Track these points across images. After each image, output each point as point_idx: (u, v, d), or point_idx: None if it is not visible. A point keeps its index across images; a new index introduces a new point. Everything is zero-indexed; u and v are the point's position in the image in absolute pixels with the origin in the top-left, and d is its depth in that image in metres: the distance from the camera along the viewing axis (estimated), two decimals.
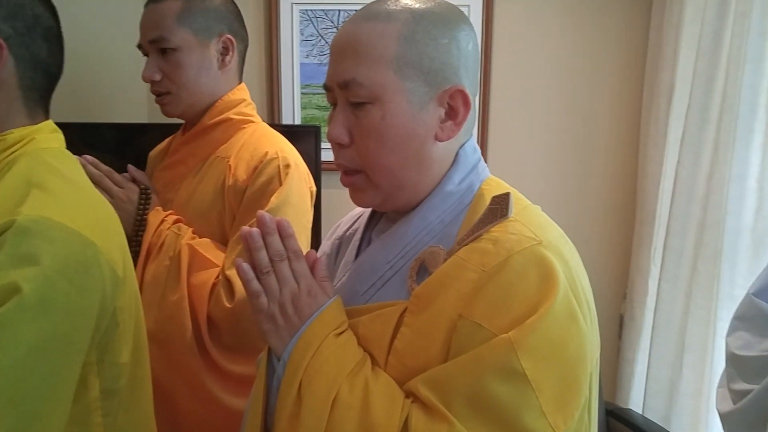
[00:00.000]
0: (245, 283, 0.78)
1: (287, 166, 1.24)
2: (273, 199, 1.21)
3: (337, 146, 0.81)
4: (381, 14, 0.78)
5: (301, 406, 0.73)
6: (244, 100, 1.37)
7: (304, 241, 1.26)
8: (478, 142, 2.10)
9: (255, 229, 0.78)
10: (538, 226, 0.77)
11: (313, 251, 0.84)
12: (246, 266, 0.78)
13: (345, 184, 0.84)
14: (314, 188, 1.34)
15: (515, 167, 2.16)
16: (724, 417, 1.03)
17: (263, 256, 0.78)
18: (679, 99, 1.80)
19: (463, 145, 0.84)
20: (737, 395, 1.00)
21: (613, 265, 2.20)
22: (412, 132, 0.78)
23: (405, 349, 0.74)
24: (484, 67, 2.07)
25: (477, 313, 0.70)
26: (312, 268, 0.82)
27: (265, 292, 0.78)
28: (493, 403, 0.67)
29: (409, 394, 0.72)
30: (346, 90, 0.78)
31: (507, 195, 0.77)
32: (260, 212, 0.79)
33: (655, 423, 1.87)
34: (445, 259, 0.76)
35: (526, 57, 2.10)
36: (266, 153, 1.25)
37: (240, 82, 1.38)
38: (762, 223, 1.62)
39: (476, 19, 2.05)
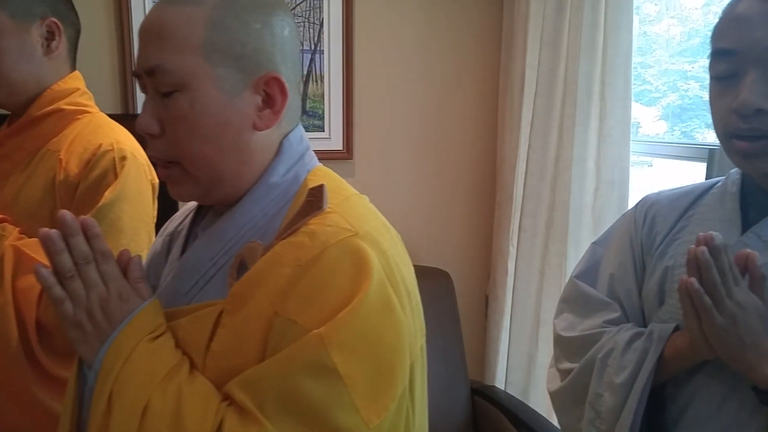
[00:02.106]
0: (46, 290, 0.73)
1: (123, 158, 1.18)
2: (107, 194, 1.14)
3: (149, 137, 0.77)
4: None
5: (110, 418, 0.69)
6: (78, 89, 1.27)
7: (145, 237, 1.19)
8: (343, 133, 2.10)
9: (54, 231, 0.73)
10: (357, 217, 0.76)
11: (127, 251, 0.80)
12: (45, 271, 0.73)
13: (161, 178, 0.80)
14: (156, 181, 1.28)
15: (381, 156, 2.18)
16: (552, 395, 1.09)
17: (65, 259, 0.73)
18: (529, 87, 1.89)
19: (287, 134, 0.82)
20: (563, 374, 1.06)
21: (478, 248, 2.28)
22: (226, 121, 0.75)
23: (221, 351, 0.72)
24: (346, 60, 2.07)
25: (291, 309, 0.69)
26: (125, 270, 0.78)
27: (69, 298, 0.73)
28: (305, 402, 0.66)
29: (227, 398, 0.71)
30: (152, 77, 0.74)
31: (321, 187, 0.76)
32: (61, 212, 0.74)
33: (515, 397, 1.98)
34: (263, 255, 0.74)
35: (388, 49, 2.12)
36: (100, 145, 1.18)
37: (73, 70, 1.29)
38: (599, 202, 1.74)
39: (336, 12, 2.04)
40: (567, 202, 1.79)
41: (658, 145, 1.85)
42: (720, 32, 0.86)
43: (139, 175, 1.20)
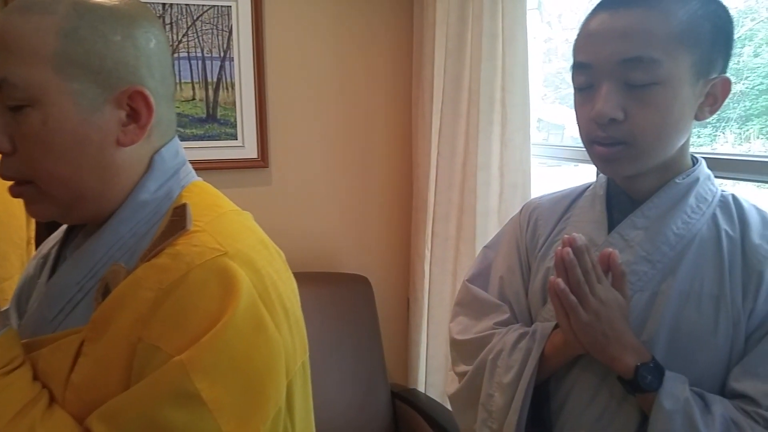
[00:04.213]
0: None
1: None
2: None
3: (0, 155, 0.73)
4: (36, 5, 0.70)
5: None
6: None
7: (15, 262, 1.13)
8: (257, 141, 2.08)
9: None
10: (228, 235, 0.74)
11: None
12: None
13: (13, 196, 0.76)
14: None
15: (297, 164, 2.16)
16: (451, 398, 1.11)
17: None
18: (437, 94, 1.92)
19: (159, 149, 0.79)
20: (460, 377, 1.08)
21: (398, 253, 2.30)
22: (84, 137, 0.71)
23: (82, 382, 0.68)
24: (257, 67, 2.05)
25: (155, 334, 0.66)
26: None
27: None
28: None
29: None
30: None
31: (184, 206, 0.74)
32: None
33: (435, 400, 2.00)
34: (126, 278, 0.72)
35: (300, 56, 2.10)
36: None
37: None
38: (504, 205, 1.79)
39: (245, 19, 2.02)
40: (474, 206, 1.83)
41: (558, 149, 1.91)
42: (577, 47, 0.91)
43: (3, 194, 1.13)
